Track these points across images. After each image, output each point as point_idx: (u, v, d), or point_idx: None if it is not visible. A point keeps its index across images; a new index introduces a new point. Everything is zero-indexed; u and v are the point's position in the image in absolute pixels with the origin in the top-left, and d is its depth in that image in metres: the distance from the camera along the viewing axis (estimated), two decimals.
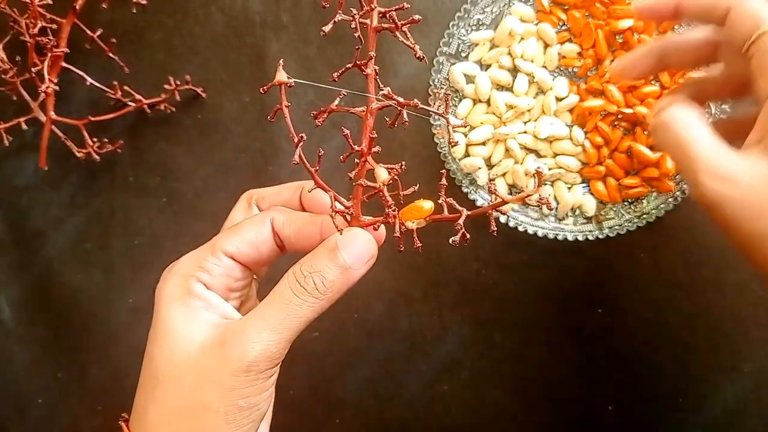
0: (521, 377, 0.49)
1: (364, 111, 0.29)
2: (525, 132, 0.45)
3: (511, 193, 0.46)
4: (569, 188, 0.46)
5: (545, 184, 0.46)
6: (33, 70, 0.44)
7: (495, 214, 0.29)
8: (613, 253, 0.47)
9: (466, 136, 0.46)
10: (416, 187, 0.29)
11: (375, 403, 0.49)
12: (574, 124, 0.45)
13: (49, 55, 0.45)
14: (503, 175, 0.46)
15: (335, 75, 0.28)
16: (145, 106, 0.47)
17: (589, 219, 0.46)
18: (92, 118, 0.47)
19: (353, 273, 0.29)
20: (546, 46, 0.45)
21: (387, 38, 0.47)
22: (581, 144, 0.45)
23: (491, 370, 0.49)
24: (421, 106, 0.28)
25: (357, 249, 0.29)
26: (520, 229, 0.46)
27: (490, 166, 0.46)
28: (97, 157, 0.47)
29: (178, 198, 0.49)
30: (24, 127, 0.47)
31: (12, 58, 0.46)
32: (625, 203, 0.46)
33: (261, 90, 0.28)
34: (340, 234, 0.29)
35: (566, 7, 0.45)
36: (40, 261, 0.50)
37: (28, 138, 0.48)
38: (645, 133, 0.44)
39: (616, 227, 0.45)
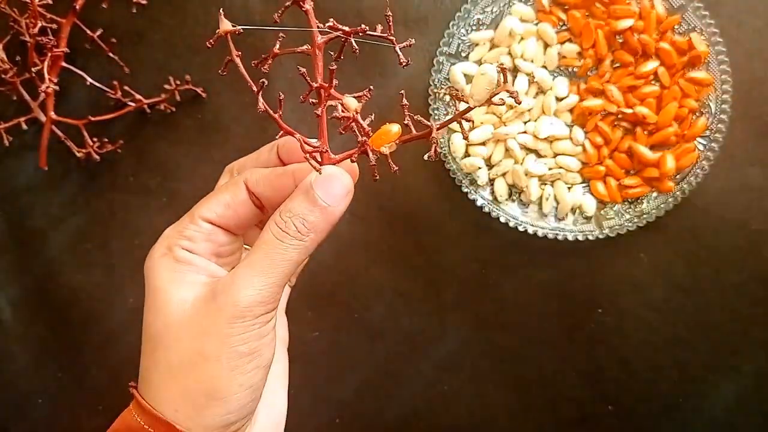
0: (521, 377, 0.49)
1: (309, 48, 0.29)
2: (525, 132, 0.45)
3: (511, 194, 0.46)
4: (569, 188, 0.46)
5: (545, 185, 0.46)
6: (33, 70, 0.44)
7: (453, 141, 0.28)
8: (613, 253, 0.47)
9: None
10: (372, 117, 0.29)
11: (375, 403, 0.49)
12: (574, 124, 0.45)
13: (49, 55, 0.45)
14: (503, 175, 0.46)
15: (276, 16, 0.28)
16: (145, 106, 0.47)
17: (589, 219, 0.46)
18: (92, 118, 0.47)
19: (332, 211, 0.29)
20: (546, 46, 0.45)
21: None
22: (581, 144, 0.45)
23: (491, 370, 0.49)
24: (368, 32, 0.28)
25: (331, 186, 0.29)
26: (520, 229, 0.46)
27: (490, 166, 0.46)
28: (97, 157, 0.47)
29: (178, 198, 0.49)
30: (24, 127, 0.47)
31: (12, 58, 0.46)
32: (625, 203, 0.46)
33: (207, 44, 0.28)
34: (318, 173, 0.29)
35: (566, 7, 0.45)
36: (40, 261, 0.50)
37: (28, 138, 0.48)
38: (645, 133, 0.44)
39: (616, 227, 0.45)
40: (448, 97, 0.46)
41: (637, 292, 0.47)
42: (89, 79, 0.46)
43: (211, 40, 0.28)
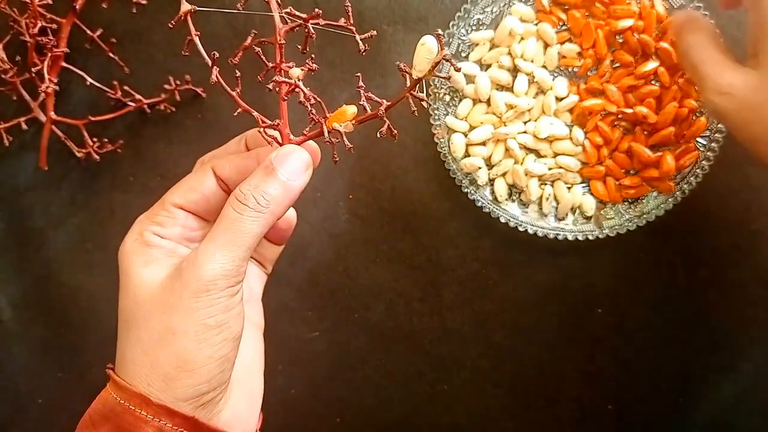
0: (521, 377, 0.49)
1: (274, 36, 0.30)
2: (525, 132, 0.45)
3: (511, 194, 0.46)
4: (569, 188, 0.46)
5: (545, 184, 0.46)
6: (33, 69, 0.44)
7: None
8: (613, 253, 0.47)
9: (465, 135, 0.46)
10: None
11: (375, 403, 0.49)
12: (574, 124, 0.45)
13: (49, 54, 0.45)
14: (503, 175, 0.46)
15: (239, 5, 0.30)
16: (145, 106, 0.47)
17: (589, 219, 0.46)
18: (92, 118, 0.47)
19: (291, 185, 0.30)
20: (546, 46, 0.45)
21: (387, 39, 0.47)
22: (581, 144, 0.45)
23: (491, 370, 0.49)
24: (325, 22, 0.29)
25: (290, 161, 0.30)
26: (520, 229, 0.46)
27: (490, 166, 0.46)
28: (97, 157, 0.47)
29: None
30: (24, 127, 0.47)
31: (12, 58, 0.46)
32: (625, 203, 0.46)
33: (169, 25, 0.29)
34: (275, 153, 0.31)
35: (566, 7, 0.45)
36: (40, 261, 0.50)
37: (28, 138, 0.48)
38: (645, 133, 0.44)
39: (616, 227, 0.45)
40: (447, 98, 0.46)
41: (637, 292, 0.47)
42: (89, 79, 0.46)
43: (172, 21, 0.29)
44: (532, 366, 0.49)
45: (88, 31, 0.46)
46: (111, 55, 0.47)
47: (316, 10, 0.29)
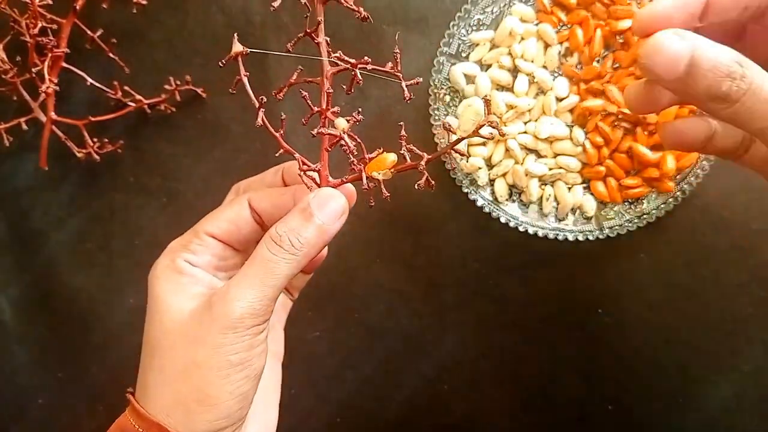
0: (521, 377, 0.49)
1: (320, 78, 0.30)
2: (525, 132, 0.45)
3: (511, 194, 0.46)
4: (569, 188, 0.46)
5: (545, 185, 0.46)
6: (33, 70, 0.44)
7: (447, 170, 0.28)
8: (613, 253, 0.47)
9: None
10: (381, 150, 0.30)
11: (375, 403, 0.49)
12: (575, 125, 0.45)
13: (50, 55, 0.45)
14: (503, 175, 0.46)
15: (289, 45, 0.30)
16: (145, 106, 0.47)
17: (589, 219, 0.46)
18: (92, 118, 0.47)
19: (327, 229, 0.31)
20: (546, 46, 0.45)
21: (387, 39, 0.47)
22: (581, 144, 0.45)
23: (491, 370, 0.49)
24: (371, 66, 0.30)
25: (328, 205, 0.31)
26: (521, 229, 0.46)
27: (490, 166, 0.46)
28: (98, 158, 0.47)
29: (178, 198, 0.49)
30: (24, 127, 0.47)
31: (12, 58, 0.46)
32: (626, 203, 0.46)
33: (219, 64, 0.30)
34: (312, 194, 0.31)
35: (566, 9, 0.45)
36: (40, 261, 0.50)
37: (28, 138, 0.48)
38: (645, 133, 0.44)
39: (616, 227, 0.45)
40: (447, 98, 0.46)
41: (637, 292, 0.47)
42: (89, 80, 0.46)
43: (223, 60, 0.30)
44: (532, 366, 0.49)
45: (89, 32, 0.46)
46: (111, 55, 0.47)
47: (365, 57, 0.30)
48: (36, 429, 0.51)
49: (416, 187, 0.30)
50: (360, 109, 0.31)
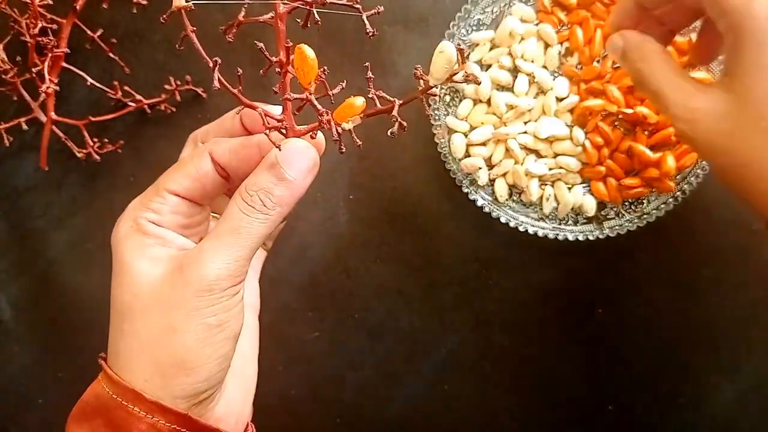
0: (521, 377, 0.49)
1: (273, 18, 0.28)
2: (525, 132, 0.45)
3: (511, 194, 0.46)
4: (569, 188, 0.46)
5: (545, 185, 0.46)
6: (33, 70, 0.44)
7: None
8: (613, 253, 0.47)
9: (466, 136, 0.46)
10: (344, 84, 0.29)
11: (375, 403, 0.49)
12: (575, 125, 0.45)
13: (50, 55, 0.45)
14: (503, 175, 0.46)
15: None
16: (146, 106, 0.47)
17: (589, 219, 0.46)
18: (92, 119, 0.47)
19: (298, 185, 0.29)
20: (546, 46, 0.45)
21: (387, 39, 0.47)
22: (581, 144, 0.45)
23: (491, 370, 0.49)
24: (330, 1, 0.28)
25: (297, 160, 0.29)
26: (521, 229, 0.46)
27: (490, 166, 0.46)
28: (98, 158, 0.47)
29: None
30: (24, 127, 0.47)
31: (12, 58, 0.46)
32: (626, 203, 0.46)
33: (162, 19, 0.28)
34: (278, 149, 0.29)
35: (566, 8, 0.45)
36: (40, 261, 0.50)
37: (29, 138, 0.48)
38: (645, 133, 0.44)
39: (616, 227, 0.45)
40: (448, 98, 0.46)
41: (637, 292, 0.47)
42: (89, 80, 0.46)
43: (164, 16, 0.28)
44: (532, 366, 0.49)
45: (89, 32, 0.46)
46: (111, 55, 0.47)
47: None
48: (36, 429, 0.51)
49: (389, 134, 0.28)
50: (325, 68, 0.29)
